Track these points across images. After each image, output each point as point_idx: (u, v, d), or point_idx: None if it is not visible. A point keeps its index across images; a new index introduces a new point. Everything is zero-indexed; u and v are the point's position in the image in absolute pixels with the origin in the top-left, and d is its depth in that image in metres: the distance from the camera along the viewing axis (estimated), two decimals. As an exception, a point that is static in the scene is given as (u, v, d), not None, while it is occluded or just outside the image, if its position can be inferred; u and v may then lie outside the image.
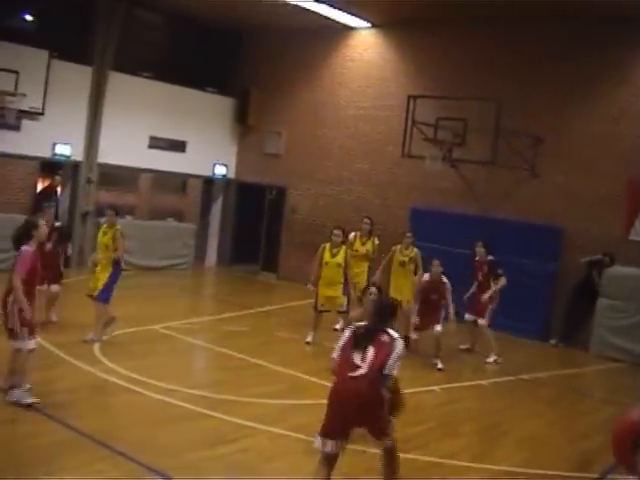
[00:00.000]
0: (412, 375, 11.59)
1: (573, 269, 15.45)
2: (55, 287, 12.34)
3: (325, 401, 6.42)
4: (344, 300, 13.09)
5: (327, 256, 13.01)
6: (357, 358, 6.39)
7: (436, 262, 12.61)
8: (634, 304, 14.42)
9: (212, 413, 8.76)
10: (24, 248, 8.26)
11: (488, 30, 16.95)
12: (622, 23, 15.09)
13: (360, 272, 14.09)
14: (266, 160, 20.91)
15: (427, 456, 8.21)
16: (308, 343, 12.90)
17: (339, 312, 13.34)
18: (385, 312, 6.92)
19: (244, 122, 21.15)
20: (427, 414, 9.89)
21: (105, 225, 12.01)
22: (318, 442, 6.40)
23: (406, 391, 10.49)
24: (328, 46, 19.86)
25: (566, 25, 15.90)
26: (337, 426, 6.37)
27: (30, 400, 8.21)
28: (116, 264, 11.71)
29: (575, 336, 15.19)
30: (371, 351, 6.41)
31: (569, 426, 10.18)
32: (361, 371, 6.31)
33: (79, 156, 18.13)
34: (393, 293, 13.35)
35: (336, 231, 13.17)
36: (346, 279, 13.10)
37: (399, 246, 14.04)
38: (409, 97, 15.91)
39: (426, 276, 12.78)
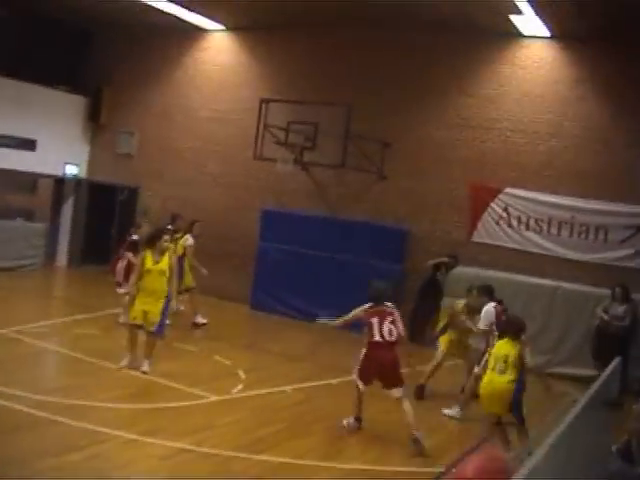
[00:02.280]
0: (265, 376, 11.84)
1: (419, 270, 16.01)
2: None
3: (177, 404, 6.46)
4: (158, 319, 10.99)
5: (149, 262, 11.03)
6: None
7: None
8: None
9: (60, 419, 8.54)
10: None
11: (339, 36, 17.39)
12: (452, 31, 15.90)
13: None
14: (118, 160, 20.62)
15: (278, 457, 8.35)
16: (120, 369, 10.99)
17: (147, 332, 11.10)
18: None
19: (96, 121, 20.79)
20: (278, 415, 10.05)
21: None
22: None
23: (258, 392, 10.86)
24: (182, 47, 19.76)
25: (407, 34, 16.54)
26: None
27: None
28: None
29: (421, 334, 15.64)
30: None
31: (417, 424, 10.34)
32: None
33: None
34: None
35: (165, 236, 11.26)
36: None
37: (460, 303, 11.74)
38: (261, 100, 16.11)
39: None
